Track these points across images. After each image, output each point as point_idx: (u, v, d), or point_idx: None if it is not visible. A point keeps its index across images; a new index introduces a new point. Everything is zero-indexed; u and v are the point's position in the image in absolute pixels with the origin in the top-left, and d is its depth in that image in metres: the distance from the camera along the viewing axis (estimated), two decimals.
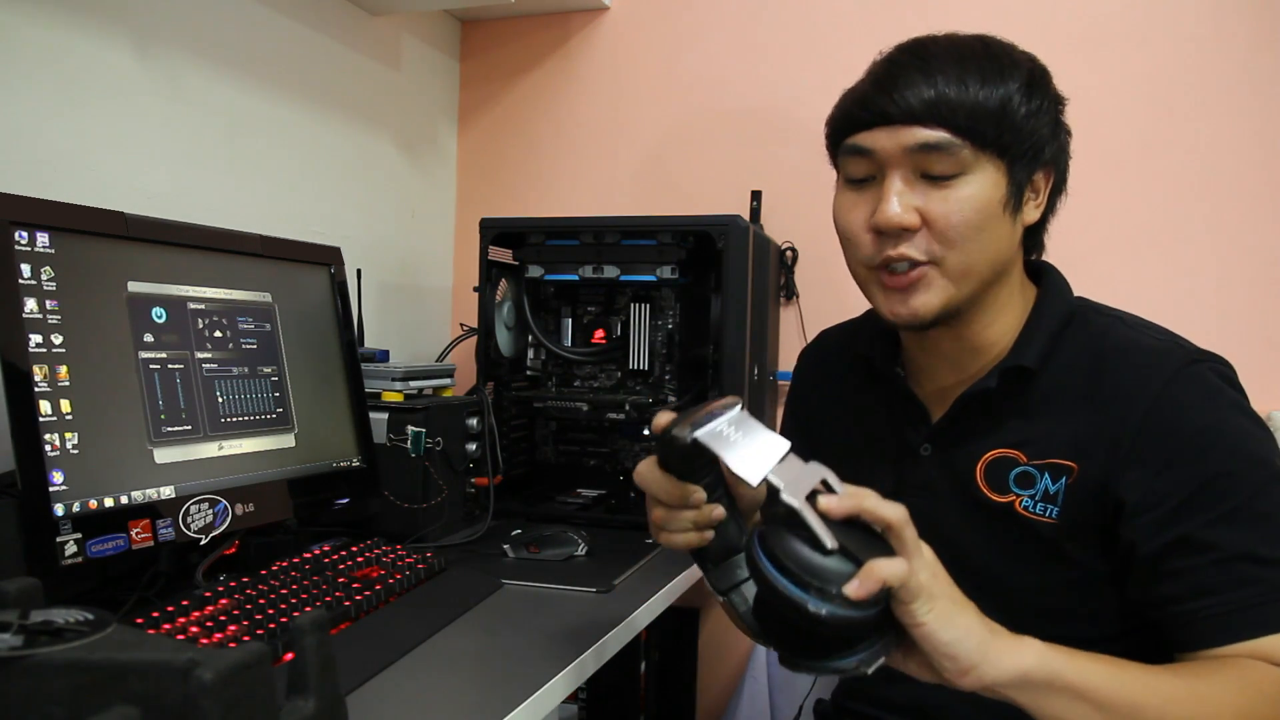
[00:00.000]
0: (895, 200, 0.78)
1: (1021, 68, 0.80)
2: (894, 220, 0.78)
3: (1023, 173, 0.80)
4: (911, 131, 0.77)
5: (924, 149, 0.77)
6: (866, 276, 0.85)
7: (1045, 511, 0.80)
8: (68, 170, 1.12)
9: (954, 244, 0.78)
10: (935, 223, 0.78)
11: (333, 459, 1.15)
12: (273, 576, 0.96)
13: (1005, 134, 0.78)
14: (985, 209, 0.78)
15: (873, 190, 0.81)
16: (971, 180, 0.78)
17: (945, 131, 0.77)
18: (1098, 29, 1.56)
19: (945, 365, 0.89)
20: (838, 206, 0.86)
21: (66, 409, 0.85)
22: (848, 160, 0.83)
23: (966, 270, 0.79)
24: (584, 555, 1.20)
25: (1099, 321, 0.85)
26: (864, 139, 0.80)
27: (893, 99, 0.78)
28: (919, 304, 0.80)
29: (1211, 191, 1.52)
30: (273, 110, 1.45)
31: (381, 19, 1.69)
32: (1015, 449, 0.83)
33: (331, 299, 1.21)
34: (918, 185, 0.79)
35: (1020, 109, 0.78)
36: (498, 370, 1.48)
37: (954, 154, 0.77)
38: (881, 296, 0.83)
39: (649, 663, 1.62)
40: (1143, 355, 0.80)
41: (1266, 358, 1.48)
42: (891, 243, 0.80)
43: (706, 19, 1.78)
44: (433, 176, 1.90)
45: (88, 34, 1.14)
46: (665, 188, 1.82)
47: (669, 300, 1.51)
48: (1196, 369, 0.78)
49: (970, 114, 0.77)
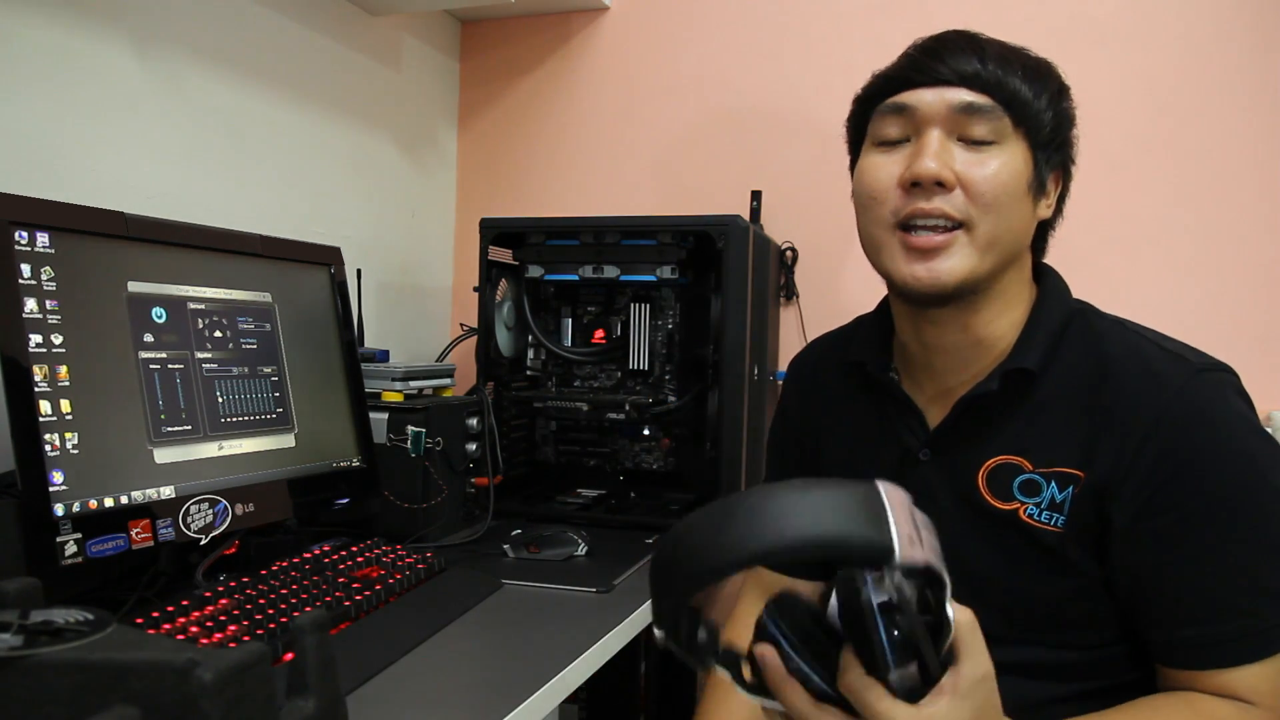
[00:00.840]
0: (933, 153, 0.77)
1: (1055, 78, 0.83)
2: (932, 172, 0.77)
3: (1044, 163, 0.81)
4: (957, 92, 0.78)
5: (967, 109, 0.78)
6: (885, 240, 0.81)
7: (1051, 520, 0.79)
8: (68, 170, 1.12)
9: (989, 207, 0.77)
10: (972, 184, 0.77)
11: (333, 459, 1.15)
12: (273, 576, 0.96)
13: (1039, 120, 0.79)
14: (1017, 180, 0.79)
15: (904, 150, 0.81)
16: (1005, 150, 0.78)
17: (989, 97, 0.78)
18: (1098, 29, 1.56)
19: (943, 362, 0.87)
20: (864, 166, 0.83)
21: (66, 409, 0.85)
22: (883, 120, 0.82)
23: (993, 239, 0.78)
24: (584, 555, 1.20)
25: (1100, 325, 0.84)
26: (906, 97, 0.80)
27: (944, 61, 0.79)
28: (943, 269, 0.78)
29: (1211, 191, 1.52)
30: (273, 110, 1.45)
31: (381, 19, 1.69)
32: (1018, 455, 0.81)
33: (331, 299, 1.21)
34: (954, 147, 0.78)
35: (1050, 109, 0.80)
36: (498, 370, 1.48)
37: (995, 120, 0.78)
38: (902, 260, 0.80)
39: (649, 663, 1.62)
40: (1149, 364, 0.79)
41: (1266, 358, 1.48)
42: (924, 196, 0.78)
43: (707, 19, 1.78)
44: (433, 176, 1.90)
45: (88, 34, 1.14)
46: (665, 187, 1.82)
47: (669, 300, 1.51)
48: (1204, 380, 0.77)
49: (1013, 93, 0.78)
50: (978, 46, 0.80)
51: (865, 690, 0.57)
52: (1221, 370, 0.79)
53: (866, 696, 0.57)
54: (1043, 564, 0.80)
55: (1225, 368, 0.79)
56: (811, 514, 0.53)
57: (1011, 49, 0.81)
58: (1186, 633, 0.74)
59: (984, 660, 0.60)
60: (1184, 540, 0.74)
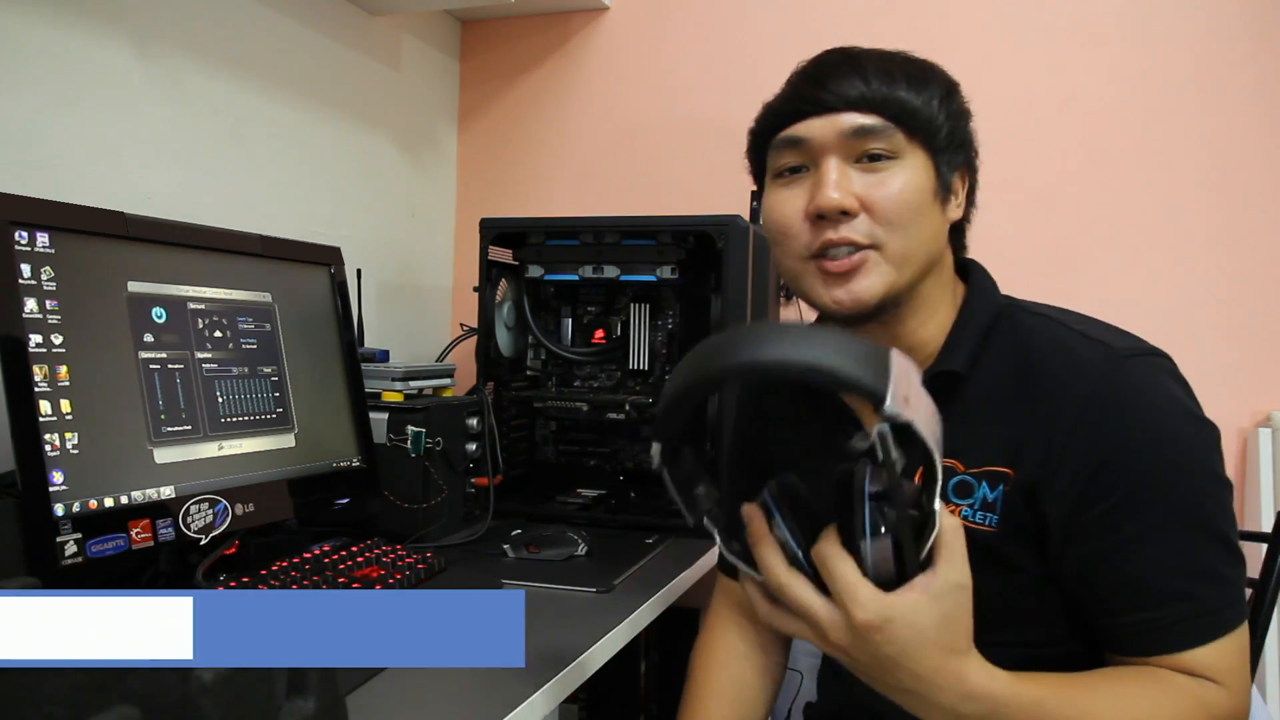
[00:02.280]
0: (833, 183, 0.78)
1: (940, 78, 0.82)
2: (834, 202, 0.77)
3: (946, 168, 0.81)
4: (847, 117, 0.78)
5: (859, 133, 0.78)
6: (802, 270, 0.82)
7: (985, 520, 0.79)
8: (68, 170, 1.12)
9: (895, 225, 0.78)
10: (875, 205, 0.78)
11: (333, 459, 1.15)
12: (273, 576, 0.96)
13: (931, 128, 0.79)
14: (920, 193, 0.79)
15: (805, 181, 0.81)
16: (905, 165, 0.79)
17: (878, 116, 0.78)
18: (1099, 29, 1.56)
19: None
20: (770, 203, 0.84)
21: (66, 409, 0.85)
22: (779, 154, 0.83)
23: (906, 254, 0.79)
24: (584, 555, 1.20)
25: (1028, 320, 0.83)
26: (798, 128, 0.80)
27: (827, 89, 0.79)
28: (862, 288, 0.79)
29: (1211, 191, 1.52)
30: (273, 110, 1.45)
31: (381, 19, 1.69)
32: (951, 458, 0.80)
33: (331, 299, 1.21)
34: (852, 172, 0.79)
35: (941, 111, 0.80)
36: (498, 370, 1.48)
37: (888, 137, 0.78)
38: (821, 286, 0.81)
39: (649, 663, 1.62)
40: (1072, 354, 0.78)
41: (1266, 358, 1.48)
42: (831, 227, 0.78)
43: (706, 19, 1.78)
44: (433, 176, 1.90)
45: (88, 34, 1.14)
46: (665, 188, 1.82)
47: (669, 300, 1.51)
48: (1129, 366, 0.76)
49: (901, 106, 0.78)
50: (858, 65, 0.80)
51: (836, 559, 0.60)
52: (1150, 354, 0.78)
53: (836, 565, 0.60)
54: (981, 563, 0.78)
55: (1155, 351, 0.78)
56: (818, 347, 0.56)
57: (892, 59, 0.81)
58: (1129, 619, 0.74)
59: (963, 569, 0.63)
60: (1118, 528, 0.74)
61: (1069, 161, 1.58)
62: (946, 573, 0.62)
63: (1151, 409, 0.75)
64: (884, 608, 0.60)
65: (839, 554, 0.60)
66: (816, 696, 1.04)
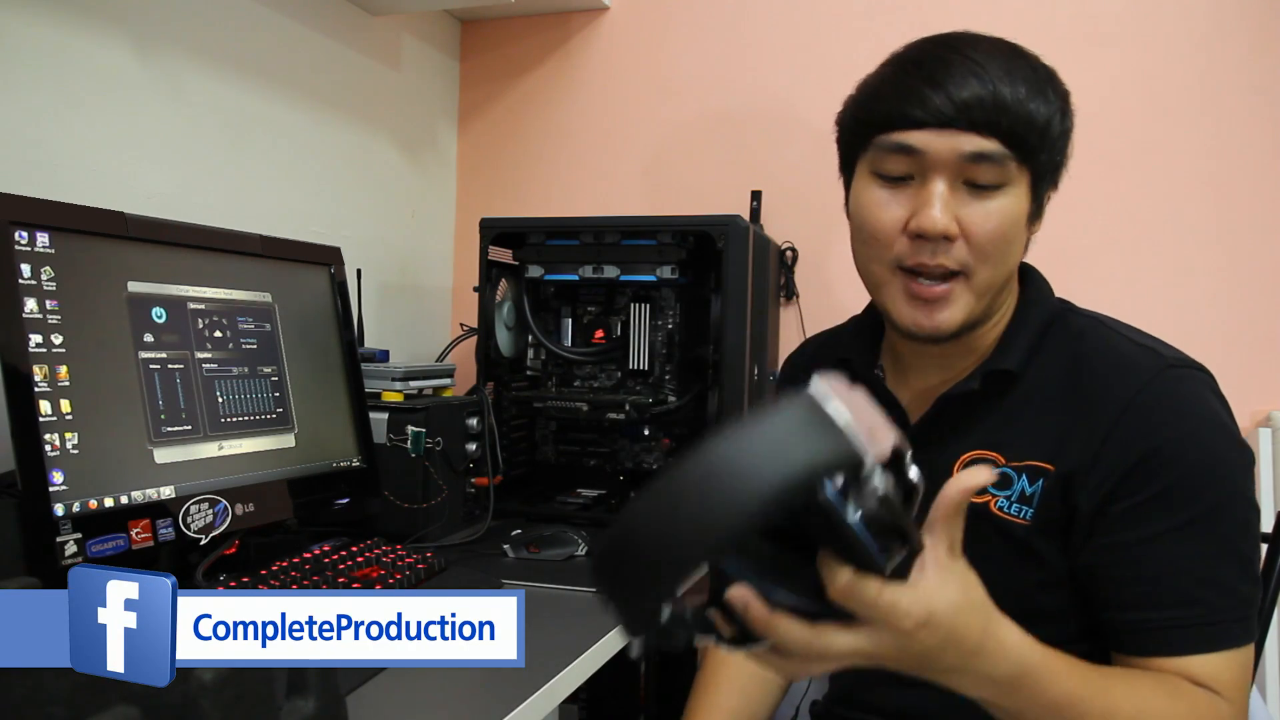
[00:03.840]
0: (941, 207, 0.76)
1: (1059, 87, 0.80)
2: (940, 228, 0.76)
3: (1043, 189, 0.81)
4: (969, 139, 0.75)
5: (975, 159, 0.75)
6: (888, 279, 0.81)
7: (1020, 512, 0.80)
8: (68, 170, 1.12)
9: (988, 257, 0.77)
10: (973, 234, 0.77)
11: (333, 459, 1.15)
12: (273, 576, 0.96)
13: (1044, 151, 0.78)
14: (1016, 223, 0.78)
15: (908, 190, 0.78)
16: (1009, 194, 0.77)
17: (999, 143, 0.75)
18: (1098, 29, 1.56)
19: (932, 366, 0.88)
20: (866, 202, 0.81)
21: (66, 409, 0.85)
22: (885, 156, 0.79)
23: (990, 284, 0.79)
24: (584, 555, 1.20)
25: (1078, 323, 0.84)
26: (914, 138, 0.76)
27: (950, 98, 0.74)
28: (944, 319, 0.79)
29: (1211, 191, 1.52)
30: (273, 110, 1.45)
31: (381, 19, 1.69)
32: (993, 450, 0.82)
33: (331, 299, 1.21)
34: (959, 193, 0.77)
35: (1058, 129, 0.78)
36: (498, 370, 1.48)
37: (1002, 165, 0.76)
38: (905, 304, 0.80)
39: (649, 663, 1.62)
40: (1121, 359, 0.79)
41: (1266, 358, 1.48)
42: (929, 250, 0.77)
43: (706, 19, 1.78)
44: (433, 176, 1.90)
45: (88, 34, 1.14)
46: (665, 188, 1.82)
47: (669, 300, 1.50)
48: (1175, 375, 0.77)
49: (1025, 125, 0.75)
50: (980, 70, 0.76)
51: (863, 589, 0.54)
52: (1194, 368, 0.79)
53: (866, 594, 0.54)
54: (1010, 556, 0.80)
55: (1199, 366, 0.79)
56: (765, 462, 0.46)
57: (1011, 58, 0.78)
58: (1135, 616, 0.74)
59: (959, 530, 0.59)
60: (1141, 525, 0.75)
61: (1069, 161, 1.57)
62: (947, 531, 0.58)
63: (1192, 418, 0.76)
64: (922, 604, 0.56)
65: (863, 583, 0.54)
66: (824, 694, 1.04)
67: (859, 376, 0.92)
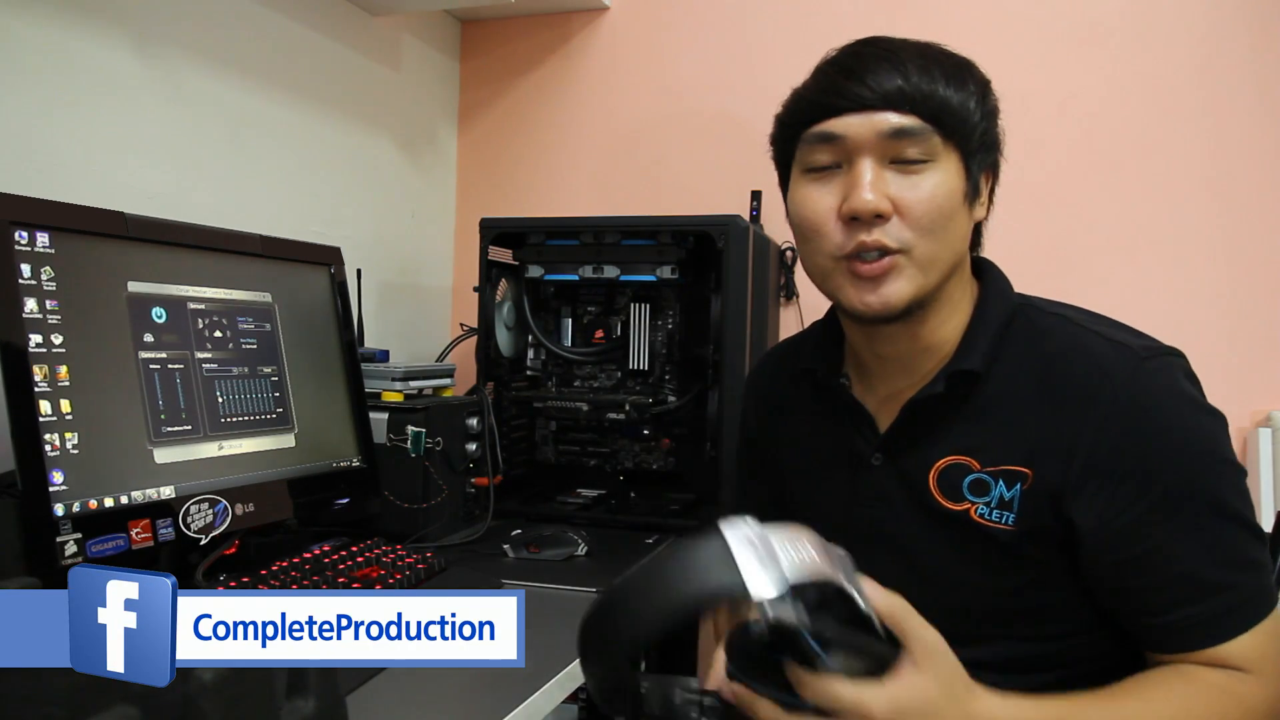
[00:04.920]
0: (868, 185, 0.77)
1: (976, 75, 0.82)
2: (870, 205, 0.77)
3: (976, 169, 0.81)
4: (885, 117, 0.77)
5: (897, 134, 0.77)
6: (832, 269, 0.82)
7: (1001, 519, 0.79)
8: (68, 170, 1.12)
9: (925, 231, 0.78)
10: (908, 210, 0.77)
11: (333, 459, 1.15)
12: (273, 576, 0.96)
13: (966, 130, 0.79)
14: (952, 198, 0.79)
15: (837, 179, 0.80)
16: (938, 169, 0.78)
17: (917, 118, 0.77)
18: (1098, 29, 1.56)
19: (895, 368, 0.87)
20: (800, 198, 0.83)
21: (66, 409, 0.85)
22: (812, 149, 0.82)
23: (933, 259, 0.79)
24: (584, 555, 1.20)
25: (1043, 321, 0.83)
26: (834, 125, 0.79)
27: (867, 85, 0.78)
28: (891, 292, 0.79)
29: (1211, 191, 1.52)
30: (273, 110, 1.45)
31: (381, 19, 1.69)
32: (966, 455, 0.81)
33: (331, 299, 1.21)
34: (886, 173, 0.78)
35: (977, 110, 0.80)
36: (498, 370, 1.48)
37: (925, 140, 0.77)
38: (851, 288, 0.81)
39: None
40: (1092, 357, 0.78)
41: (1266, 358, 1.48)
42: (864, 229, 0.78)
43: (706, 19, 1.78)
44: (433, 176, 1.90)
45: (88, 34, 1.14)
46: (665, 188, 1.82)
47: (669, 300, 1.51)
48: (1149, 368, 0.77)
49: (940, 106, 0.78)
50: (897, 59, 0.79)
51: (826, 687, 0.61)
52: (1167, 354, 0.79)
53: (830, 691, 0.61)
54: (997, 561, 0.80)
55: (1171, 350, 0.79)
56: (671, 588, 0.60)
57: (930, 54, 0.80)
58: (1172, 617, 0.74)
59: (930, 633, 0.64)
60: (1155, 531, 0.74)
61: (1069, 161, 1.58)
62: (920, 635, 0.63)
63: (1173, 412, 0.76)
64: (892, 700, 0.62)
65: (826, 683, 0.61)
66: None
67: (823, 386, 0.92)
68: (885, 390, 0.89)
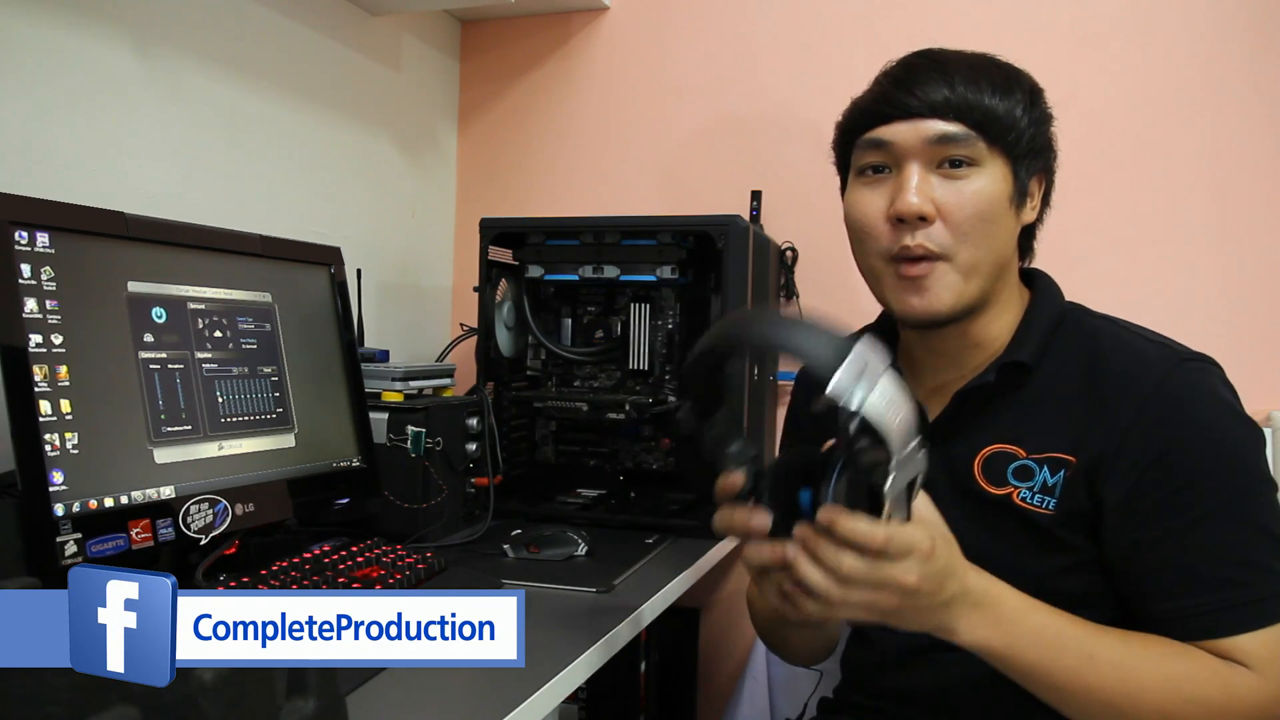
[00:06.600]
0: (914, 189, 0.82)
1: (1025, 84, 0.86)
2: (913, 208, 0.81)
3: (1025, 173, 0.85)
4: (931, 124, 0.82)
5: (942, 140, 0.82)
6: (881, 270, 0.87)
7: (1042, 503, 0.83)
8: (68, 170, 1.12)
9: (967, 236, 0.82)
10: (950, 214, 0.82)
11: (333, 459, 1.15)
12: (273, 576, 0.95)
13: (1012, 135, 0.83)
14: (995, 202, 0.83)
15: (888, 182, 0.85)
16: (983, 173, 0.82)
17: (962, 125, 0.82)
18: (1098, 29, 1.56)
19: (944, 362, 0.92)
20: (853, 200, 0.89)
21: (66, 409, 0.85)
22: (864, 153, 0.87)
23: (975, 265, 0.83)
24: (584, 555, 1.20)
25: (1092, 322, 0.89)
26: (883, 131, 0.84)
27: (914, 94, 0.83)
28: (932, 299, 0.84)
29: (1211, 191, 1.52)
30: (273, 110, 1.45)
31: (381, 19, 1.69)
32: (1013, 443, 0.85)
33: (331, 299, 1.21)
34: (933, 177, 0.83)
35: (1024, 117, 0.84)
36: (498, 370, 1.48)
37: (970, 145, 0.82)
38: (897, 290, 0.86)
39: (649, 663, 1.62)
40: (1137, 354, 0.83)
41: (1266, 358, 1.48)
42: (909, 232, 0.83)
43: (707, 19, 1.78)
44: (433, 176, 1.90)
45: (88, 34, 1.14)
46: (665, 187, 1.82)
47: (669, 300, 1.51)
48: (1188, 368, 0.81)
49: (985, 113, 0.82)
50: (944, 70, 0.83)
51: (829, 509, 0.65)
52: (1205, 361, 0.83)
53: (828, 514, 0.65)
54: (1035, 543, 0.84)
55: (1209, 359, 0.84)
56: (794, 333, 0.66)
57: (978, 64, 0.85)
58: (1175, 604, 0.77)
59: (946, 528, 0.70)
60: (1171, 516, 0.78)
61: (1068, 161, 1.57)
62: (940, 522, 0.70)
63: (1208, 409, 0.80)
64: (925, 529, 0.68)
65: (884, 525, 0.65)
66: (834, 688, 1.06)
67: None
68: (933, 382, 0.93)
